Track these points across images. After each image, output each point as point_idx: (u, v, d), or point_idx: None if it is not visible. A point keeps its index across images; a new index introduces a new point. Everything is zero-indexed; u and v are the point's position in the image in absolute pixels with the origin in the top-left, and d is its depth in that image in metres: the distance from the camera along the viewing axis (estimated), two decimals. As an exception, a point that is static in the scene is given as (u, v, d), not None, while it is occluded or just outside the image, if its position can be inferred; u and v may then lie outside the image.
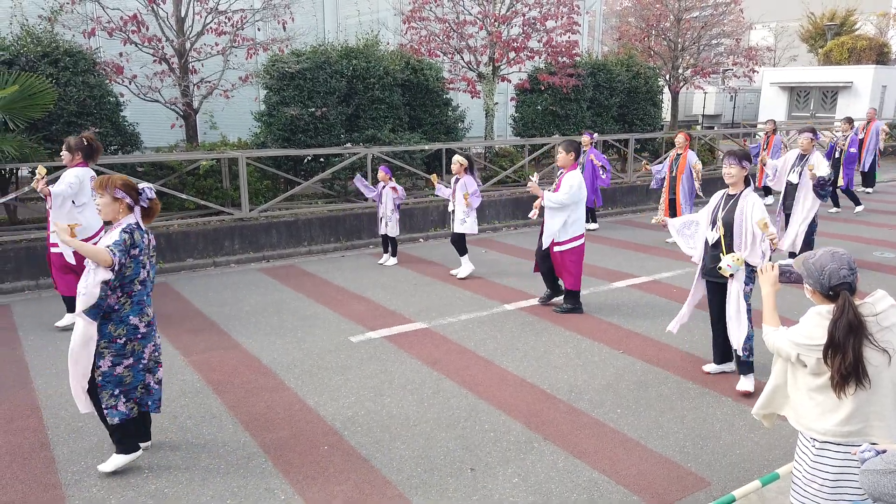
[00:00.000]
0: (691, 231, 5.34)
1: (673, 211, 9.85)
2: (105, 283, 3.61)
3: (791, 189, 8.01)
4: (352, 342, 6.02)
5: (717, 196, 5.12)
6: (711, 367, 5.37)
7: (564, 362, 5.58)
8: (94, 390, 3.81)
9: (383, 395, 4.95)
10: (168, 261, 8.62)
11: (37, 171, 6.03)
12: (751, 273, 4.88)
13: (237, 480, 3.86)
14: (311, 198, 10.90)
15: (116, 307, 3.73)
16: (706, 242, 5.12)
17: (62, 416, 4.60)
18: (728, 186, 5.02)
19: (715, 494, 3.73)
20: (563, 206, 6.47)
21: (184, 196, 9.11)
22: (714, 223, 5.01)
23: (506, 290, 7.65)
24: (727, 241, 4.90)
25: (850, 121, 12.88)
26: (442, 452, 4.17)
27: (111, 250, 3.58)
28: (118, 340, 3.76)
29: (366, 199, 9.73)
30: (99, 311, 3.66)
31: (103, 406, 3.80)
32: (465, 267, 8.15)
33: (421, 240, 10.50)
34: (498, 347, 5.89)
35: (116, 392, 3.80)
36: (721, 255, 4.89)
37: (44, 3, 9.64)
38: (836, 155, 12.47)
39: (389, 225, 8.68)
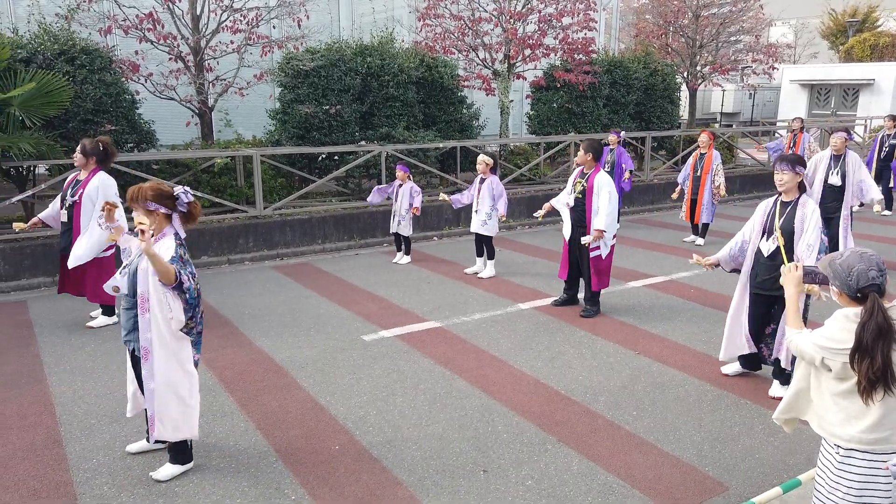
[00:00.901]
0: (737, 252, 4.96)
1: (694, 213, 9.73)
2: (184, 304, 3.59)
3: (831, 192, 7.59)
4: (364, 341, 5.98)
5: (767, 204, 4.81)
6: (730, 369, 5.27)
7: (579, 363, 5.50)
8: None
9: (395, 395, 4.91)
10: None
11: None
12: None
13: (248, 479, 3.83)
14: (326, 196, 10.90)
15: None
16: (758, 252, 4.79)
17: (75, 413, 4.60)
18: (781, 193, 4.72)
19: (733, 500, 3.64)
20: (612, 213, 6.40)
21: (199, 194, 9.12)
22: (769, 232, 4.70)
23: (520, 289, 7.58)
24: (787, 251, 4.59)
25: (893, 118, 12.52)
26: (454, 453, 4.11)
27: (177, 271, 3.49)
28: None
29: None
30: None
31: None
32: (489, 269, 8.08)
33: (435, 238, 10.45)
34: (512, 347, 5.83)
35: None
36: (783, 265, 4.64)
37: (61, 2, 9.72)
38: (882, 155, 12.16)
39: (402, 224, 8.64)
